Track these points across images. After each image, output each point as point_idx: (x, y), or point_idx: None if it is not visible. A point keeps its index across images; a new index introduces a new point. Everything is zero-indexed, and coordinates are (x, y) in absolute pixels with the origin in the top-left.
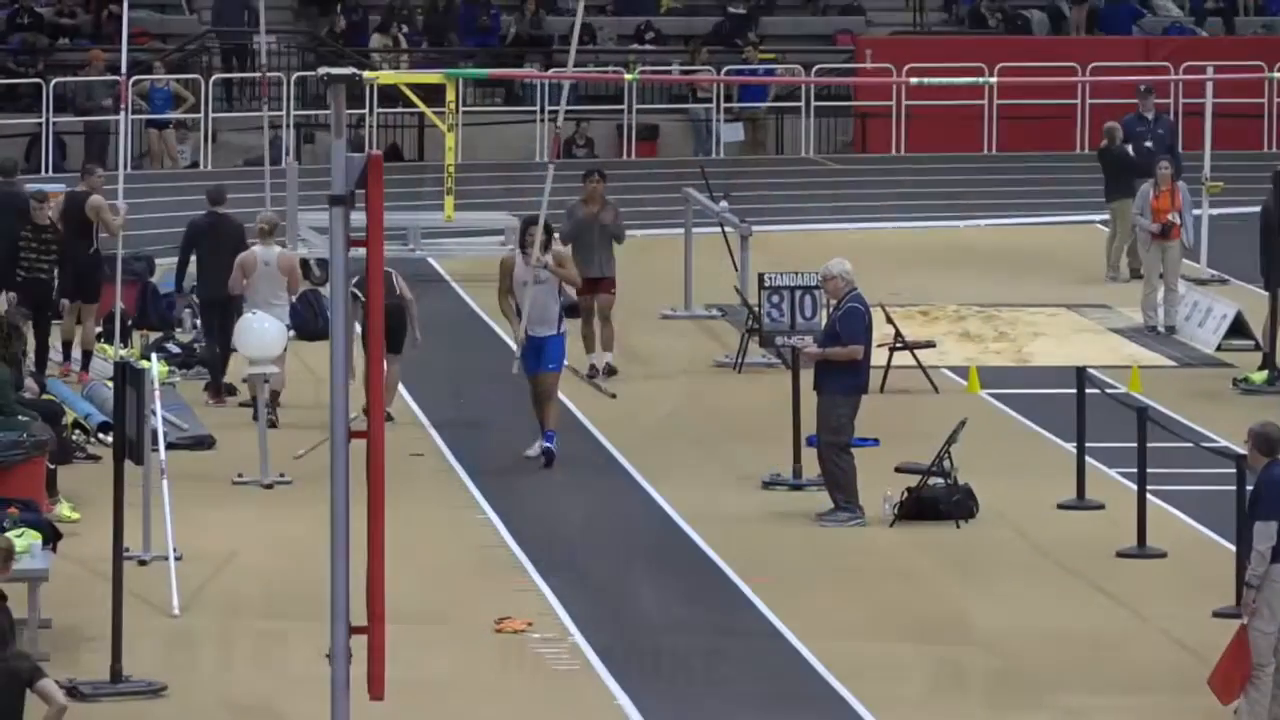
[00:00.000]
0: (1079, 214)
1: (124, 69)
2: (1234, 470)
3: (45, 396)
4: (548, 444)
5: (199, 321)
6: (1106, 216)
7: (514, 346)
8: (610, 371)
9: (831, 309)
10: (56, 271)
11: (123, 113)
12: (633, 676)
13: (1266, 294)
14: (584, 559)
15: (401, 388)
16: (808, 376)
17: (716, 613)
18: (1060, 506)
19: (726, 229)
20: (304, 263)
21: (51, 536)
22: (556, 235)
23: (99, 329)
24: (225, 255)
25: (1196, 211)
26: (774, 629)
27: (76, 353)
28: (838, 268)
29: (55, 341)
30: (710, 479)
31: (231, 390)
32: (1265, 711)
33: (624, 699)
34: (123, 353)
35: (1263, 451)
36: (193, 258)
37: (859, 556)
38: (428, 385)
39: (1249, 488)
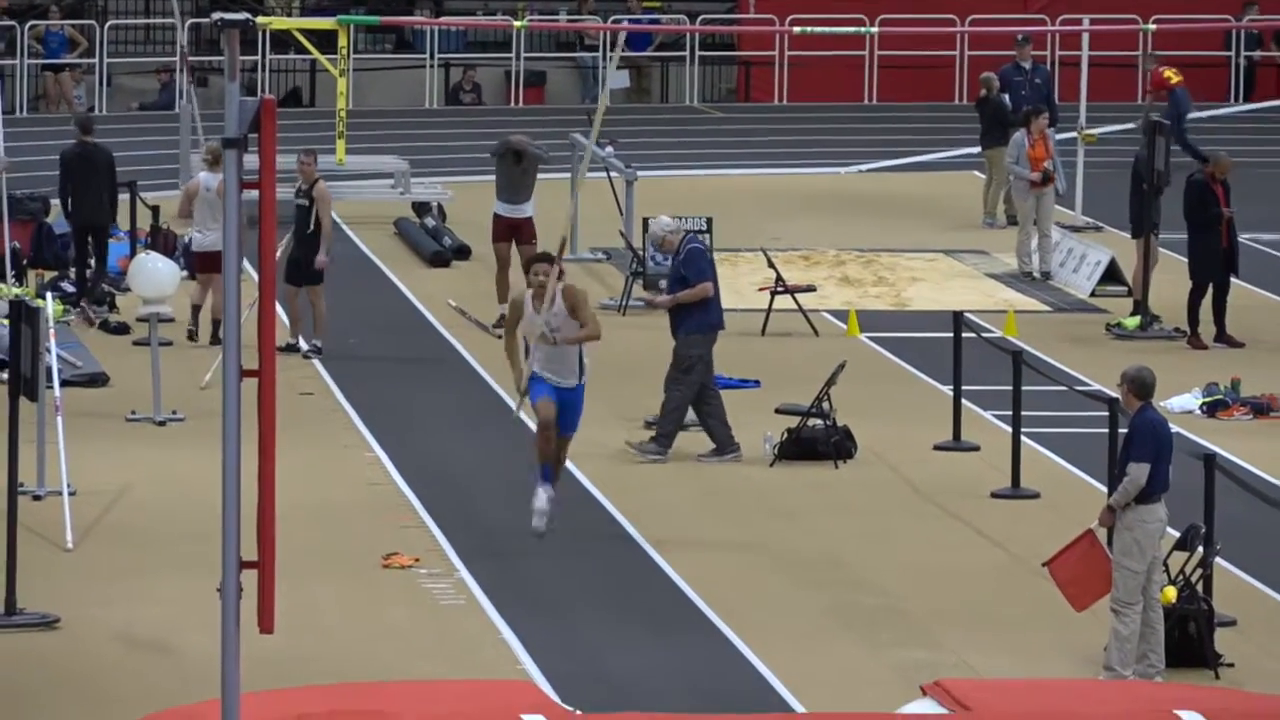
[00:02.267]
0: (957, 162)
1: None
2: (1106, 413)
3: None
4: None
5: (72, 246)
6: (983, 164)
7: (513, 399)
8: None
9: (673, 260)
10: None
11: (19, 56)
12: (515, 610)
13: (1136, 241)
14: (470, 498)
15: (288, 326)
16: None
17: (598, 549)
18: (937, 448)
19: (611, 174)
20: None
21: None
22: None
23: None
24: (96, 182)
25: (1073, 160)
26: (655, 564)
27: None
28: (667, 226)
29: None
30: (595, 419)
31: (101, 301)
32: (1133, 650)
33: (507, 631)
34: (17, 291)
35: (1137, 395)
36: None
37: (740, 495)
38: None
39: (1121, 430)
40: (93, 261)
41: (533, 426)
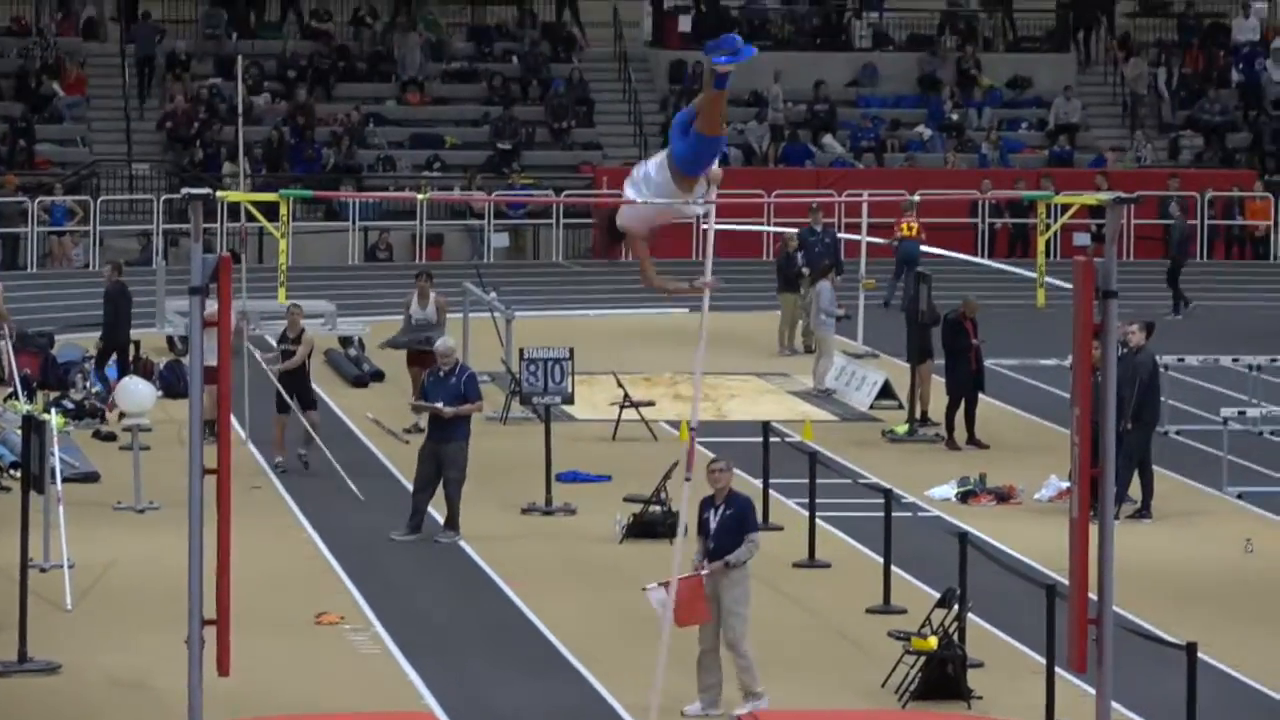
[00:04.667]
0: (761, 305)
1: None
2: (882, 500)
3: None
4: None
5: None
6: (779, 305)
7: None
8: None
9: (446, 376)
10: None
11: (30, 224)
12: (422, 658)
13: (909, 365)
14: (386, 569)
15: (243, 437)
16: (558, 428)
17: (487, 607)
18: None
19: (495, 314)
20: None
21: None
22: None
23: (9, 390)
24: (127, 310)
25: (855, 300)
26: (528, 620)
27: None
28: (449, 345)
29: None
30: (481, 507)
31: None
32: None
33: (414, 676)
34: (28, 408)
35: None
36: None
37: (595, 565)
38: (263, 435)
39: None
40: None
41: None
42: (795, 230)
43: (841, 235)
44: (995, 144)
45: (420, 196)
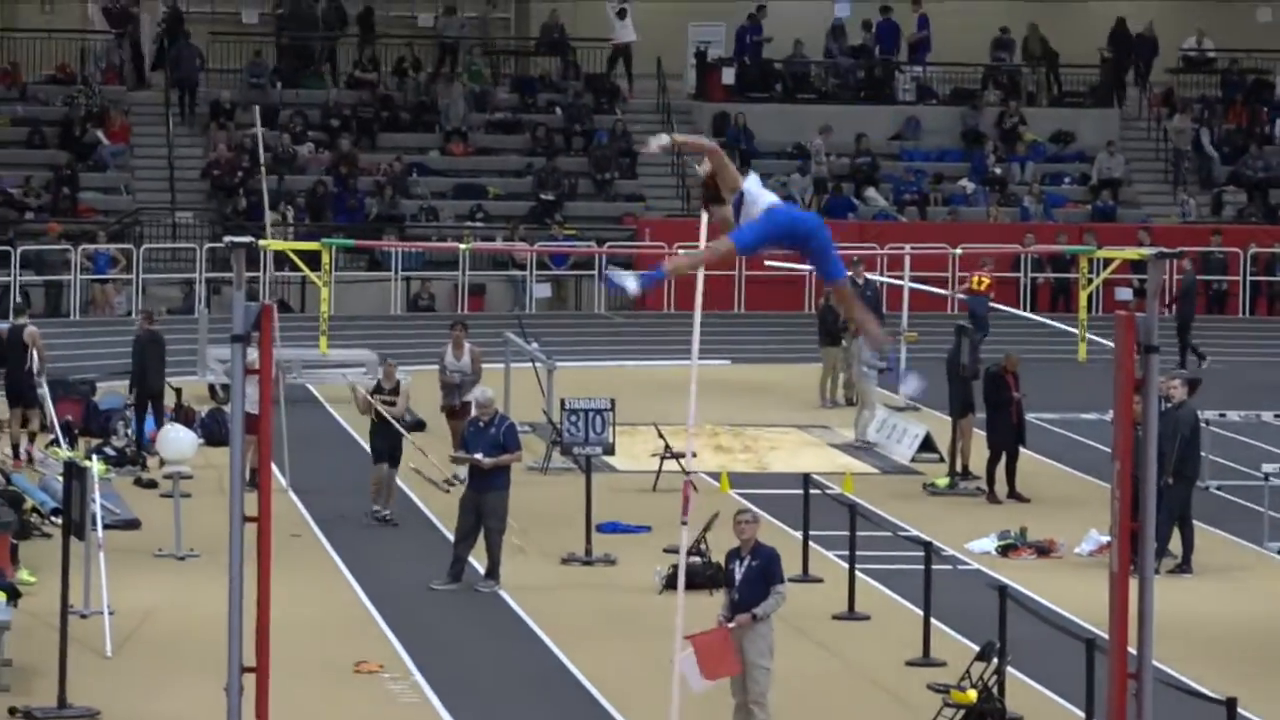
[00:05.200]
0: (803, 357)
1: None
2: (923, 553)
3: (9, 488)
4: None
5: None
6: (821, 358)
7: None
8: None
9: (486, 426)
10: None
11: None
12: (461, 707)
13: (950, 419)
14: (426, 618)
15: (284, 485)
16: (599, 478)
17: (526, 657)
18: (790, 580)
19: (536, 364)
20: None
21: (13, 595)
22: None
23: (51, 436)
24: (158, 358)
25: (898, 354)
26: (567, 670)
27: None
28: (489, 396)
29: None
30: (521, 557)
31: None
32: None
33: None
34: (69, 454)
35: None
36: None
37: (634, 615)
38: (304, 484)
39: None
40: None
41: None
42: None
43: (897, 282)
44: (1038, 198)
45: (463, 247)
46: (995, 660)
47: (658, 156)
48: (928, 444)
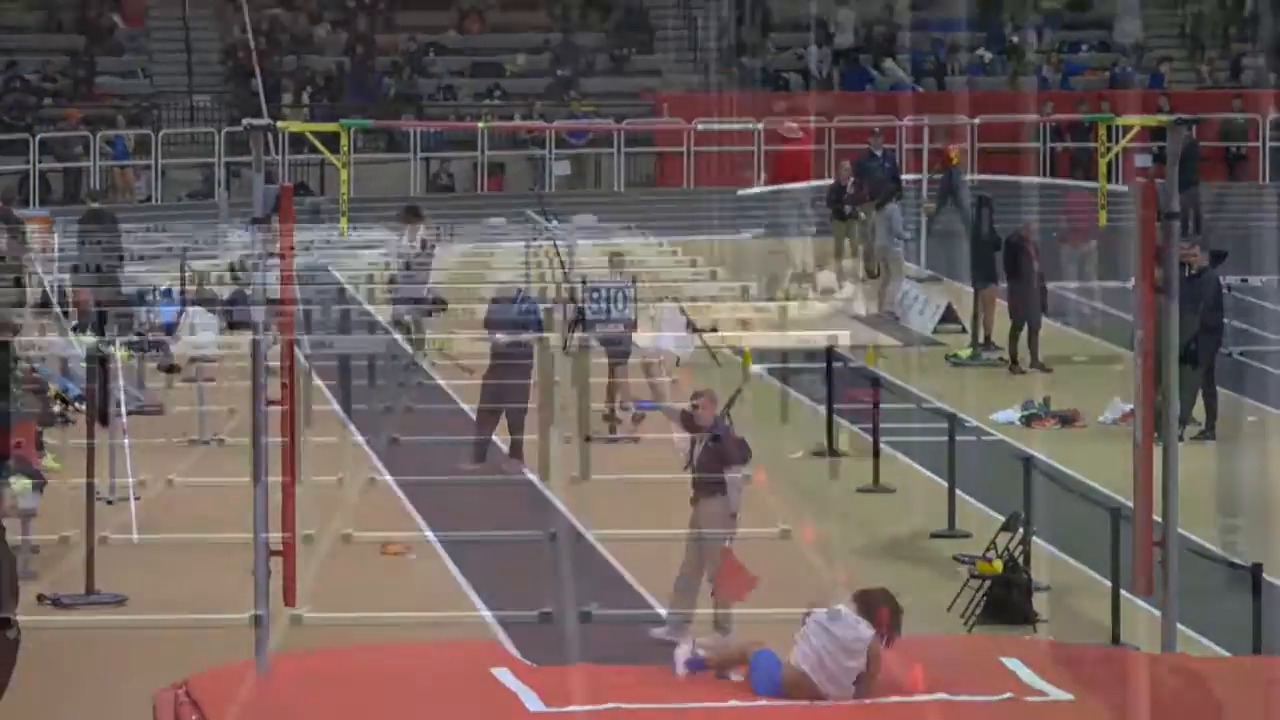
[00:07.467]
0: (820, 230)
1: None
2: (946, 425)
3: (34, 374)
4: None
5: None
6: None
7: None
8: None
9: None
10: None
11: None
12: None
13: (972, 290)
14: (452, 500)
15: (306, 367)
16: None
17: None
18: (814, 454)
19: (556, 242)
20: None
21: (40, 482)
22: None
23: (75, 322)
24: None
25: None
26: (589, 544)
27: None
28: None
29: None
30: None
31: None
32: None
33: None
34: (93, 341)
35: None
36: None
37: (660, 488)
38: (329, 369)
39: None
40: None
41: None
42: (848, 162)
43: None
44: (1056, 67)
45: (481, 125)
46: (1020, 530)
47: (676, 30)
48: (949, 315)
